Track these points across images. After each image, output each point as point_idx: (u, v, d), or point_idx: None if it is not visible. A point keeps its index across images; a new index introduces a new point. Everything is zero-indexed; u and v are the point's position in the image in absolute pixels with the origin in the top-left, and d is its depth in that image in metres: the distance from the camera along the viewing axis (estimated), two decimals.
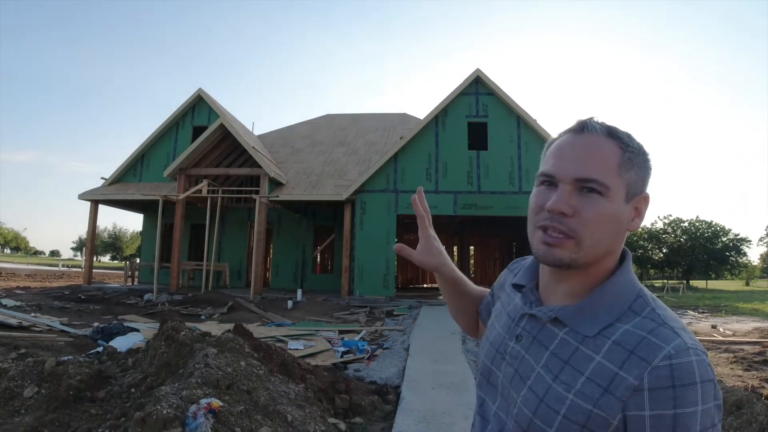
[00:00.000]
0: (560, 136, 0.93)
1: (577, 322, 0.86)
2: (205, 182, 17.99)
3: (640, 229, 48.97)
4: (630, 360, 0.78)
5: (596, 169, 0.85)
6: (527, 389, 0.88)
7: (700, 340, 9.78)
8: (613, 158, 0.86)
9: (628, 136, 0.89)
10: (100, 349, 7.02)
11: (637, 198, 0.89)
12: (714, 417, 0.75)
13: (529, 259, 1.08)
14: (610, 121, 0.90)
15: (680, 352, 0.76)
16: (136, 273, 21.60)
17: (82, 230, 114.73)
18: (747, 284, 62.54)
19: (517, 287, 1.03)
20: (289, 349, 7.34)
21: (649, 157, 0.90)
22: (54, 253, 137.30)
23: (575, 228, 0.85)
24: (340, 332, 10.13)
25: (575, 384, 0.81)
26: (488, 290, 1.29)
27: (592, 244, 0.85)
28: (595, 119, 0.90)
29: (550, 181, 0.89)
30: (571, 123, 0.92)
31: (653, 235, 48.18)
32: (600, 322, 0.84)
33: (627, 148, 0.87)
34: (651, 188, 0.92)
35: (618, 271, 0.89)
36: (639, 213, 0.89)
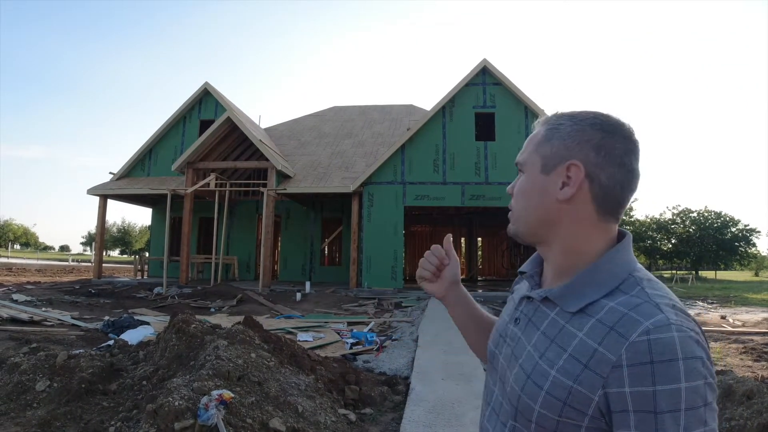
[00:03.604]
0: None
1: (564, 300, 0.88)
2: (213, 176, 18.02)
3: (648, 219, 48.99)
4: (609, 336, 0.78)
5: (523, 153, 0.98)
6: (518, 367, 0.91)
7: (709, 330, 9.68)
8: (535, 140, 0.96)
9: (558, 115, 0.95)
10: (111, 342, 7.07)
11: (561, 167, 0.90)
12: (705, 396, 0.73)
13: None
14: (610, 109, 0.93)
15: (660, 327, 0.75)
16: (146, 267, 21.75)
17: (91, 225, 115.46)
18: (756, 275, 62.20)
19: (522, 273, 1.07)
20: (299, 340, 7.37)
21: (585, 124, 0.91)
22: (64, 248, 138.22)
23: (512, 203, 0.99)
24: (349, 324, 10.16)
25: (558, 361, 0.83)
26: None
27: (519, 215, 0.97)
28: (554, 113, 0.97)
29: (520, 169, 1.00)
30: None
31: (662, 226, 47.86)
32: (584, 299, 0.85)
33: (548, 127, 0.95)
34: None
35: (611, 251, 0.89)
36: (569, 181, 0.90)
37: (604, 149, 0.88)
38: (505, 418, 0.93)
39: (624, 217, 46.35)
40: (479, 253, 28.84)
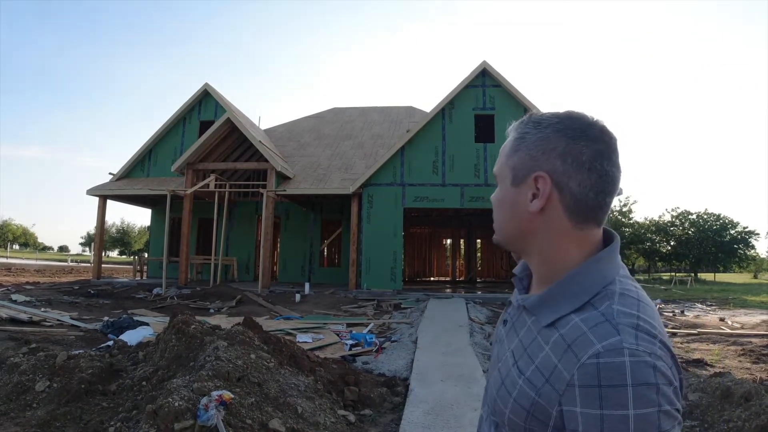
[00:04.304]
0: None
1: (539, 311, 0.88)
2: (212, 176, 18.02)
3: (647, 221, 48.97)
4: (566, 354, 0.77)
5: (497, 164, 0.98)
6: (497, 370, 0.94)
7: (708, 333, 9.70)
8: (506, 150, 0.95)
9: (525, 122, 0.93)
10: (110, 342, 7.08)
11: (529, 179, 0.89)
12: (659, 424, 0.70)
13: None
14: (601, 111, 0.89)
15: (611, 351, 0.73)
16: (145, 267, 21.73)
17: (90, 225, 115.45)
18: (755, 277, 62.21)
19: (514, 275, 1.07)
20: (298, 342, 7.38)
21: (549, 131, 0.88)
22: (62, 249, 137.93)
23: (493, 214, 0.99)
24: (348, 325, 10.17)
25: (527, 371, 0.84)
26: None
27: (498, 227, 0.98)
28: (522, 119, 0.95)
29: None
30: None
31: (661, 228, 47.90)
32: (556, 313, 0.84)
33: (516, 136, 0.93)
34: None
35: (587, 262, 0.87)
36: (538, 192, 0.88)
37: (570, 156, 0.85)
38: (489, 413, 0.96)
39: (623, 219, 46.47)
40: (478, 254, 28.85)
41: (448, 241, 30.54)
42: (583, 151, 0.85)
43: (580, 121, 0.87)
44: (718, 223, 45.85)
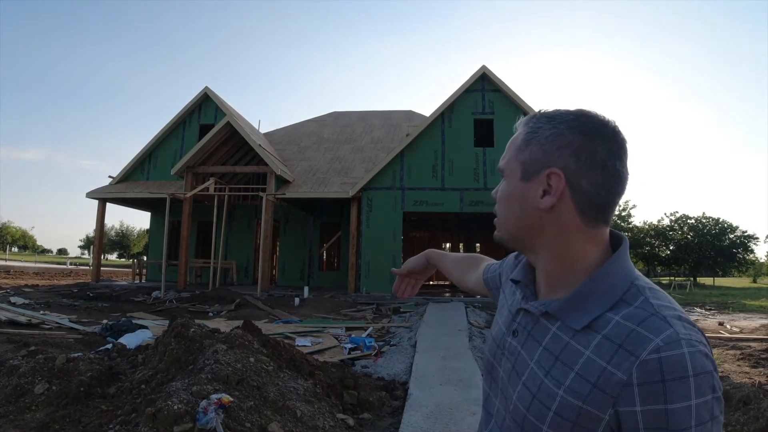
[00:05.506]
0: None
1: (567, 315, 0.85)
2: (212, 180, 18.04)
3: (646, 226, 49.05)
4: (618, 354, 0.75)
5: (504, 158, 0.95)
6: (522, 385, 0.88)
7: (707, 337, 9.82)
8: (515, 144, 0.93)
9: (537, 117, 0.91)
10: (109, 346, 7.07)
11: (541, 175, 0.87)
12: (713, 409, 0.72)
13: None
14: (608, 112, 0.88)
15: (670, 344, 0.73)
16: (144, 270, 21.70)
17: (89, 228, 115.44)
18: (754, 281, 62.29)
19: (515, 282, 1.03)
20: (297, 345, 7.37)
21: (563, 127, 0.86)
22: (61, 252, 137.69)
23: (495, 208, 0.97)
24: (348, 329, 10.17)
25: (565, 380, 0.80)
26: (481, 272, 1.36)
27: (501, 221, 0.96)
28: (534, 114, 0.93)
29: None
30: None
31: (660, 232, 48.01)
32: (589, 314, 0.82)
33: (527, 131, 0.91)
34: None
35: (609, 260, 0.86)
36: (550, 189, 0.86)
37: (584, 154, 0.84)
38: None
39: (622, 224, 46.55)
40: None
41: (448, 245, 30.54)
42: (598, 150, 0.84)
43: (595, 119, 0.86)
44: (717, 227, 45.97)
